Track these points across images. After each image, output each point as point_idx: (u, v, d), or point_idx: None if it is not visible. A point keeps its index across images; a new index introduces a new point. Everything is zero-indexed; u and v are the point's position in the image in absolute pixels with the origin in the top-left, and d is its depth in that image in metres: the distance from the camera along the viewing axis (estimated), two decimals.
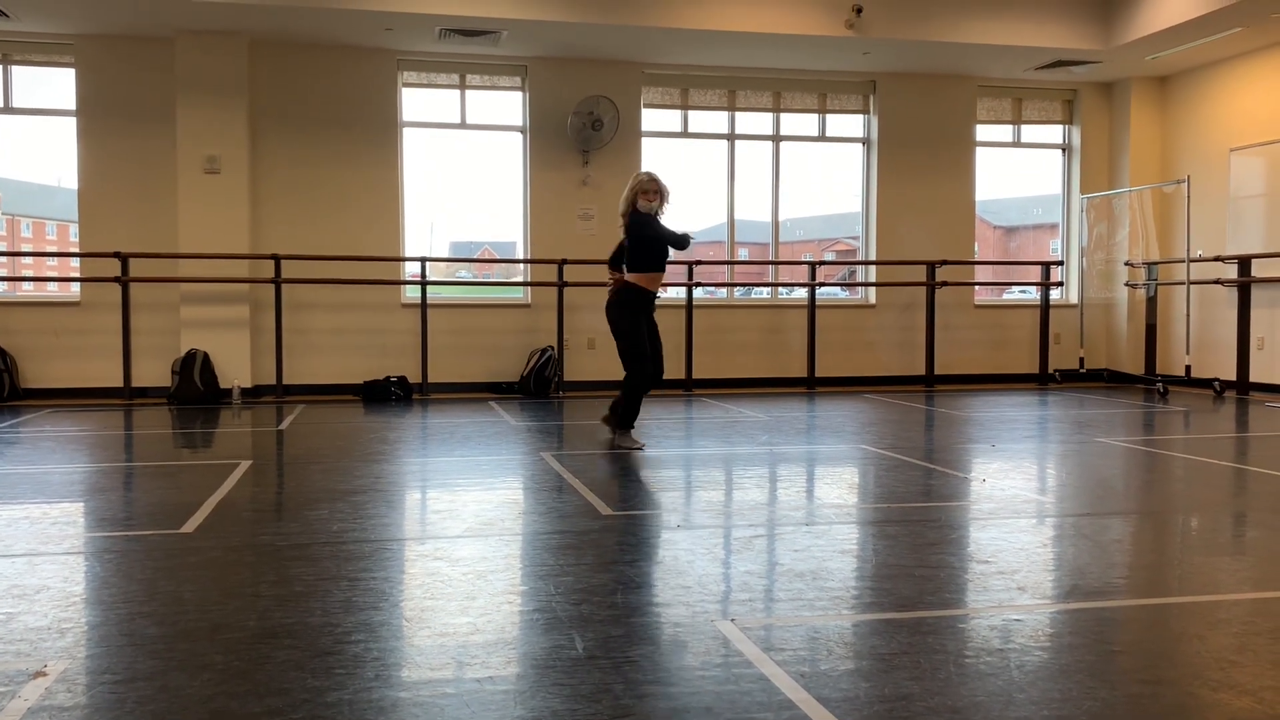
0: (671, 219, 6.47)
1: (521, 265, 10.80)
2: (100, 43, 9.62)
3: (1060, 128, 11.85)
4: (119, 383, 9.49)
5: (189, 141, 9.53)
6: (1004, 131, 11.74)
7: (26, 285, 10.24)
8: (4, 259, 10.31)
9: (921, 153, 11.25)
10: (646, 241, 6.31)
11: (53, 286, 10.56)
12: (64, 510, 4.67)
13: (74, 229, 9.64)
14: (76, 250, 9.90)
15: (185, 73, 9.50)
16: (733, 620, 2.97)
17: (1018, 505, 4.75)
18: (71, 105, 9.70)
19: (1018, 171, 12.23)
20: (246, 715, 2.28)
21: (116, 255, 9.37)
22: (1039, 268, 11.68)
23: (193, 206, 9.55)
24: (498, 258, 11.67)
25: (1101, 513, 4.64)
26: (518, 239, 10.84)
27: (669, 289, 11.28)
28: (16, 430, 7.45)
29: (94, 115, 9.67)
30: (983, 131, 11.55)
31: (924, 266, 11.07)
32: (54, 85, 9.86)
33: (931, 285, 11.05)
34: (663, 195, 6.35)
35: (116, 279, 9.36)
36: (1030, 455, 6.49)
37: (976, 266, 11.69)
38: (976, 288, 11.61)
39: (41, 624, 2.93)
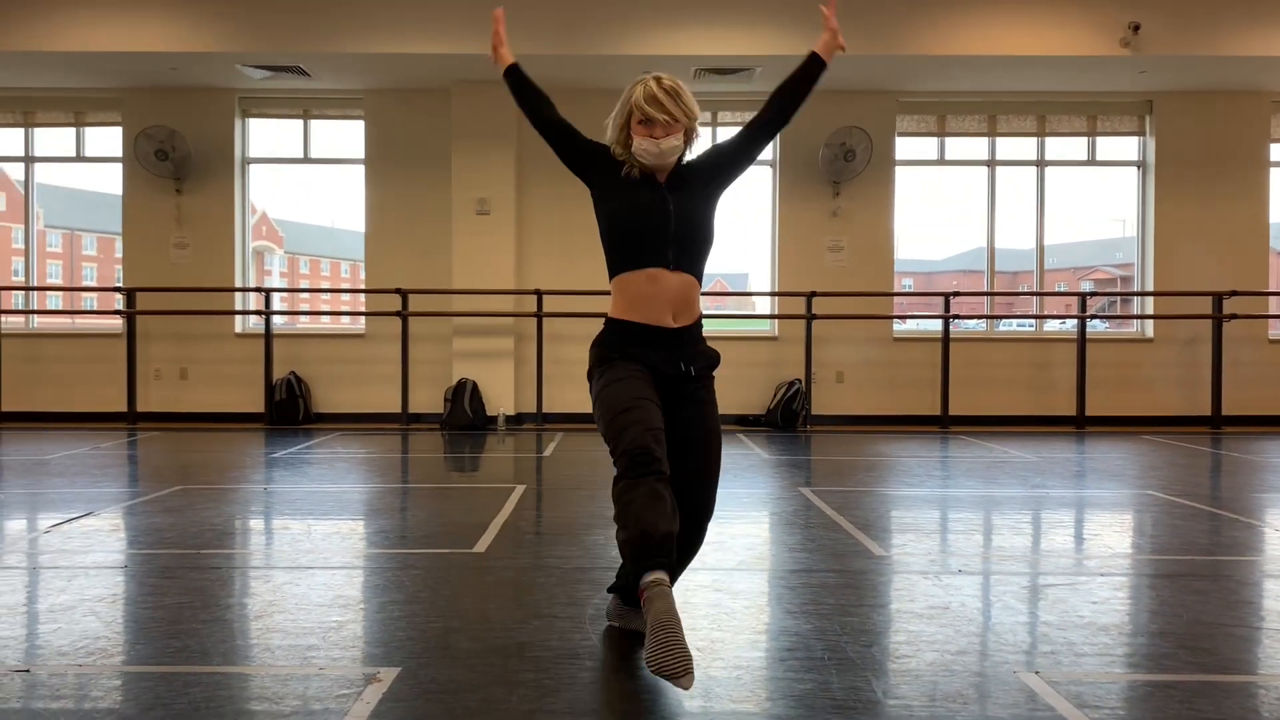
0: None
1: (769, 298, 10.81)
2: (386, 96, 10.49)
3: None
4: (397, 409, 10.24)
5: (462, 184, 10.21)
6: None
7: (319, 319, 11.25)
8: (292, 294, 11.37)
9: (1206, 175, 10.41)
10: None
11: (326, 319, 11.55)
12: (367, 527, 5.07)
13: (345, 266, 10.59)
14: (360, 287, 10.79)
15: (460, 121, 10.20)
16: (1037, 673, 2.82)
17: None
18: (361, 154, 10.62)
19: None
20: None
21: (398, 291, 10.13)
22: None
23: (465, 245, 10.21)
24: (730, 290, 11.73)
25: None
26: (749, 270, 10.88)
27: (913, 320, 10.96)
28: (313, 451, 8.17)
29: (379, 162, 10.55)
30: (1277, 151, 10.55)
31: (1209, 298, 10.19)
32: (346, 136, 10.85)
33: (1219, 318, 10.14)
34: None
35: (398, 313, 10.12)
36: None
37: (1272, 298, 10.65)
38: (1272, 321, 10.57)
39: (368, 633, 3.18)
